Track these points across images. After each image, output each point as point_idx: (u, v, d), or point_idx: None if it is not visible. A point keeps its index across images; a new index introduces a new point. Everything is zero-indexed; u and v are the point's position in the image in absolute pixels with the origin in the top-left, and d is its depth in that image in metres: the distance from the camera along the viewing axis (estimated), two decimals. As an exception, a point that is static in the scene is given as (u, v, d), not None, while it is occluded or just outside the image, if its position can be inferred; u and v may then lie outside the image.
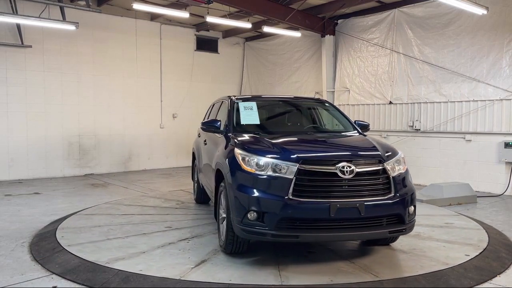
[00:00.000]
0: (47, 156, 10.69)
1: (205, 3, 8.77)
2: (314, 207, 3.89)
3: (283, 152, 4.16)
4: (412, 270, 4.12)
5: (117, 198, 7.83)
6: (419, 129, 9.77)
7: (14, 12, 9.41)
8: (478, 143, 8.81)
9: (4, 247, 4.95)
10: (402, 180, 4.26)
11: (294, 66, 12.91)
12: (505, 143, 8.31)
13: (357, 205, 3.91)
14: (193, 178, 7.72)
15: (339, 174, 3.94)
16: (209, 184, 5.62)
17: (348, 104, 11.24)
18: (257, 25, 11.93)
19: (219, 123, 5.25)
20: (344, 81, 11.44)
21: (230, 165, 4.30)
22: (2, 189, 8.93)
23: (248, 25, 10.93)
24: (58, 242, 4.94)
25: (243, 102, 5.52)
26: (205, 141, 6.31)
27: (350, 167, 3.97)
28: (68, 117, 10.98)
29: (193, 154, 7.63)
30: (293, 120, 6.18)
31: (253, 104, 5.47)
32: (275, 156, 4.11)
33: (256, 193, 3.98)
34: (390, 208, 4.07)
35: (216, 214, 4.89)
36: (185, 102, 13.05)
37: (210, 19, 9.99)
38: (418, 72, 9.76)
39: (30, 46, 10.27)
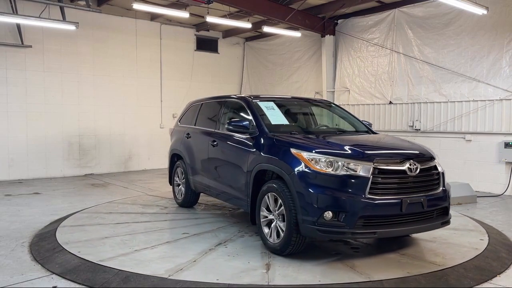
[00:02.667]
0: (47, 156, 10.69)
1: (205, 3, 8.77)
2: (388, 204, 4.07)
3: (353, 152, 4.29)
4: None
5: (117, 198, 7.83)
6: (419, 129, 9.77)
7: (14, 12, 9.41)
8: (478, 143, 8.81)
9: (4, 247, 4.95)
10: (444, 176, 4.62)
11: (294, 66, 12.91)
12: (505, 143, 8.31)
13: (422, 200, 4.20)
14: (172, 182, 7.34)
15: (407, 171, 4.18)
16: (227, 187, 5.54)
17: (348, 104, 11.23)
18: (257, 25, 11.93)
19: (246, 123, 5.12)
20: (344, 81, 11.44)
21: (295, 166, 4.24)
22: (2, 189, 8.93)
23: (248, 25, 10.93)
24: (58, 242, 4.94)
25: (262, 102, 5.53)
26: (201, 143, 6.21)
27: (415, 164, 4.26)
28: (68, 117, 10.99)
29: (173, 156, 7.28)
30: (311, 120, 6.19)
31: (273, 104, 5.52)
32: (347, 155, 4.21)
33: (333, 193, 4.03)
34: (441, 201, 4.43)
35: (255, 217, 4.84)
36: (185, 102, 12.84)
37: (210, 19, 9.99)
38: (418, 72, 9.76)
39: (30, 46, 10.28)
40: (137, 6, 9.00)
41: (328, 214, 3.99)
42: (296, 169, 4.22)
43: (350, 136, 5.42)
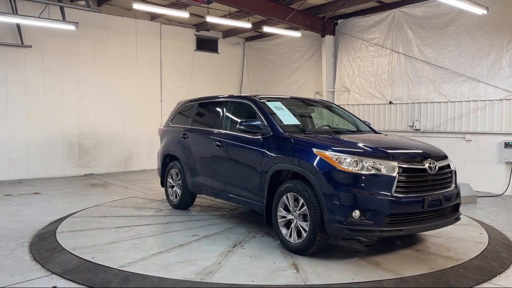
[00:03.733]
0: (47, 156, 10.69)
1: (205, 3, 8.76)
2: (413, 201, 4.20)
3: (378, 151, 4.38)
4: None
5: (117, 198, 7.83)
6: (419, 129, 9.77)
7: (14, 12, 9.41)
8: (478, 143, 8.81)
9: (4, 247, 4.95)
10: (456, 174, 4.84)
11: (294, 66, 12.91)
12: (505, 143, 8.31)
13: (440, 197, 4.37)
14: (164, 184, 7.18)
15: (428, 170, 4.34)
16: (235, 188, 5.51)
17: (348, 104, 11.23)
18: (257, 25, 11.93)
19: (258, 123, 5.12)
20: (344, 81, 11.44)
21: (321, 166, 4.27)
22: (2, 189, 8.93)
23: (248, 25, 10.93)
24: (58, 242, 4.94)
25: (270, 102, 5.53)
26: (203, 143, 6.14)
27: (434, 163, 4.43)
28: (68, 117, 10.98)
29: (166, 157, 7.13)
30: (319, 120, 6.21)
31: (281, 104, 5.54)
32: (372, 155, 4.30)
33: (361, 192, 4.09)
34: (455, 198, 4.61)
35: (271, 218, 4.85)
36: (185, 102, 13.03)
37: (210, 19, 9.99)
38: (418, 72, 9.76)
39: (30, 46, 10.27)
40: (137, 6, 9.00)
41: (356, 213, 4.06)
42: (322, 169, 4.25)
43: (362, 135, 5.48)
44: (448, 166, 4.69)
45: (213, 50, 13.84)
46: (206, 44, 13.63)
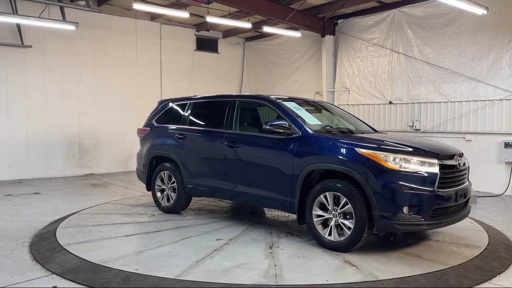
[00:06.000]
0: (47, 156, 10.69)
1: (205, 3, 8.76)
2: (450, 195, 4.48)
3: (419, 150, 4.57)
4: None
5: (117, 198, 7.83)
6: (419, 129, 9.77)
7: (14, 12, 9.41)
8: (478, 143, 8.81)
9: (4, 247, 4.95)
10: (469, 170, 5.17)
11: (294, 66, 12.91)
12: (505, 143, 8.31)
13: (466, 190, 4.76)
14: (152, 187, 6.80)
15: (457, 166, 4.68)
16: (256, 189, 5.38)
17: (348, 104, 11.23)
18: (257, 25, 11.93)
19: (285, 123, 5.09)
20: (344, 81, 11.44)
21: (369, 165, 4.40)
22: (2, 189, 8.93)
23: (248, 25, 10.93)
24: (58, 242, 4.93)
25: (286, 102, 5.56)
26: (209, 144, 5.96)
27: (460, 160, 4.79)
28: (68, 117, 10.99)
29: (153, 159, 6.79)
30: (327, 120, 6.20)
31: (296, 104, 5.60)
32: (415, 153, 4.50)
33: (410, 189, 4.29)
34: (469, 192, 4.97)
35: (304, 217, 4.88)
36: (185, 102, 13.03)
37: (210, 19, 9.99)
38: (418, 72, 9.76)
39: (30, 46, 10.28)
40: (137, 6, 9.00)
41: (406, 209, 4.27)
42: (371, 168, 4.38)
43: (382, 135, 5.61)
44: (466, 162, 5.02)
45: (213, 50, 13.84)
46: (206, 44, 13.63)
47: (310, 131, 5.00)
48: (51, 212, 6.70)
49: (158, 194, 6.72)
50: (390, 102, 10.35)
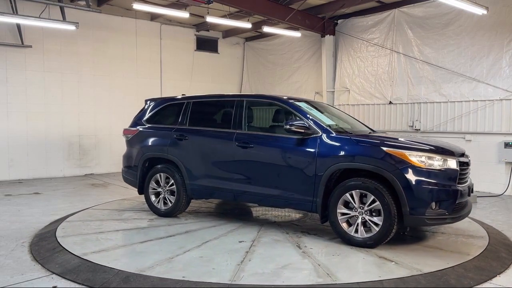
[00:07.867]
0: (47, 156, 10.69)
1: (205, 3, 8.76)
2: (466, 191, 4.79)
3: (439, 148, 4.80)
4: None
5: (117, 198, 7.83)
6: (419, 129, 9.77)
7: (14, 12, 9.42)
8: (478, 143, 8.81)
9: (4, 247, 4.95)
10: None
11: (294, 66, 12.91)
12: (505, 143, 8.31)
13: (471, 186, 5.05)
14: (144, 191, 6.49)
15: (468, 163, 5.02)
16: (274, 189, 5.30)
17: (348, 104, 11.24)
18: (257, 25, 11.93)
19: (303, 122, 5.11)
20: (344, 81, 11.44)
21: (399, 164, 4.56)
22: (2, 189, 8.93)
23: (248, 25, 10.93)
24: (58, 242, 4.94)
25: (299, 103, 5.61)
26: (217, 145, 5.80)
27: (468, 158, 5.09)
28: (68, 117, 10.99)
29: (146, 161, 6.47)
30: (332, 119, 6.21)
31: (306, 104, 5.68)
32: (438, 151, 4.72)
33: (437, 186, 4.53)
34: (470, 188, 5.12)
35: (329, 216, 4.93)
36: (185, 102, 13.02)
37: (210, 19, 9.99)
38: (418, 72, 9.76)
39: (30, 46, 10.28)
40: (137, 6, 9.00)
41: (434, 204, 4.50)
42: (400, 167, 4.54)
43: (393, 134, 5.83)
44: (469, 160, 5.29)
45: (213, 50, 13.84)
46: (206, 44, 13.63)
47: (331, 131, 5.09)
48: (51, 212, 6.70)
49: (153, 197, 6.39)
50: (390, 102, 10.35)
